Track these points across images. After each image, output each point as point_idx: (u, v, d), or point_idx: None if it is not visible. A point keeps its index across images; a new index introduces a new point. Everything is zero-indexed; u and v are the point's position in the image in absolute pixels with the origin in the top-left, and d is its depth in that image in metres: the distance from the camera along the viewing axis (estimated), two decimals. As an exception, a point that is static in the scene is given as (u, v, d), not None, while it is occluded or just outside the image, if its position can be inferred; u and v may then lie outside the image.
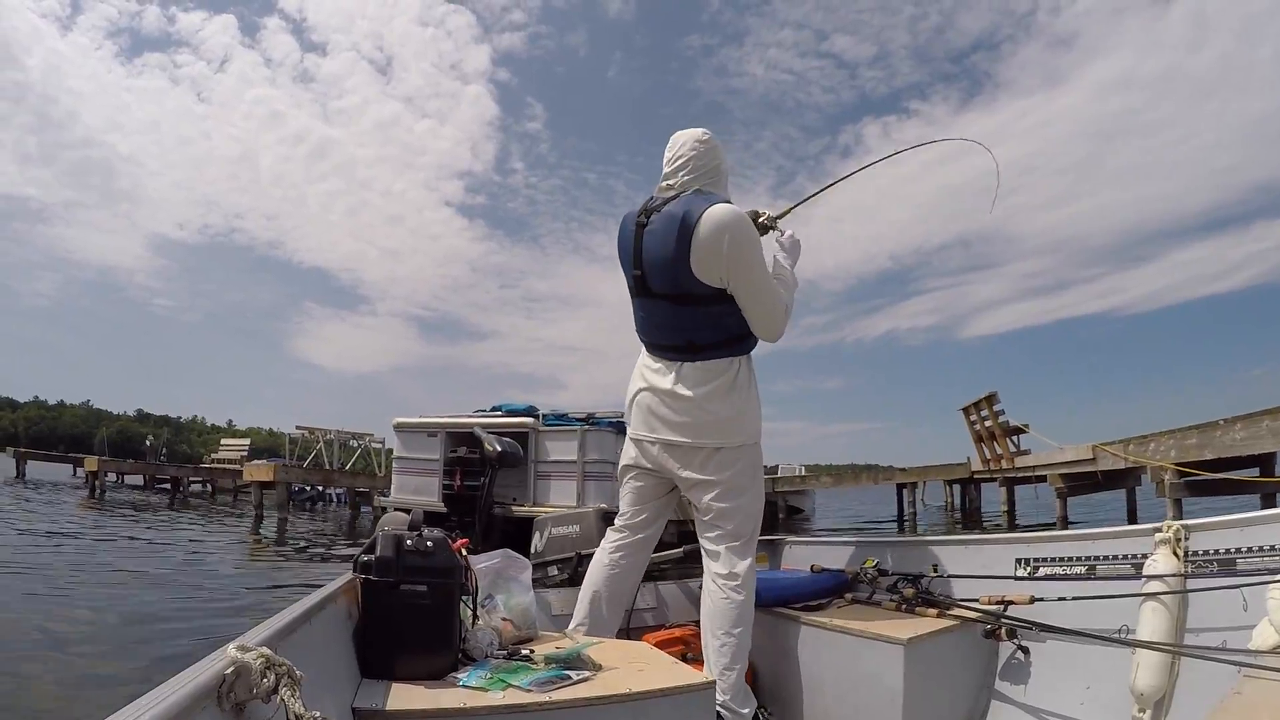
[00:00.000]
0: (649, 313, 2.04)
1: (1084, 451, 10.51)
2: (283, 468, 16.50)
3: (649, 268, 1.96)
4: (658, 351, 2.04)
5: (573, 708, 1.18)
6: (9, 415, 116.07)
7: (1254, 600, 1.55)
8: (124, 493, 23.64)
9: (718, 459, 1.95)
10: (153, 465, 25.42)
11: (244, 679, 0.72)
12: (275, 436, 24.70)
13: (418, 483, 8.01)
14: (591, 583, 2.09)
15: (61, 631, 4.70)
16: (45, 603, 5.66)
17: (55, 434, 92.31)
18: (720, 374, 1.94)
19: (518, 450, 3.78)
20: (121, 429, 77.97)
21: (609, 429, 7.46)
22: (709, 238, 1.84)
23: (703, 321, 1.95)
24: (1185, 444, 8.33)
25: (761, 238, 2.20)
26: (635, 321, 2.11)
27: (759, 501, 2.03)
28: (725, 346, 1.96)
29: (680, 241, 1.86)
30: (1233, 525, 1.71)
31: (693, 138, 2.01)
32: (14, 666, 3.87)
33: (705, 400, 1.93)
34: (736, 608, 1.89)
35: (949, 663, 1.98)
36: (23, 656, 4.08)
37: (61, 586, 6.40)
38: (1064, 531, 2.14)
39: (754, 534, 2.01)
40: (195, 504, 20.38)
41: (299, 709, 0.73)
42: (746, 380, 2.00)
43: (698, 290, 1.90)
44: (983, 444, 13.51)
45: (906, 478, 16.43)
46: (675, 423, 1.96)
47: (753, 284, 1.91)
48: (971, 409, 13.55)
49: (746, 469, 1.99)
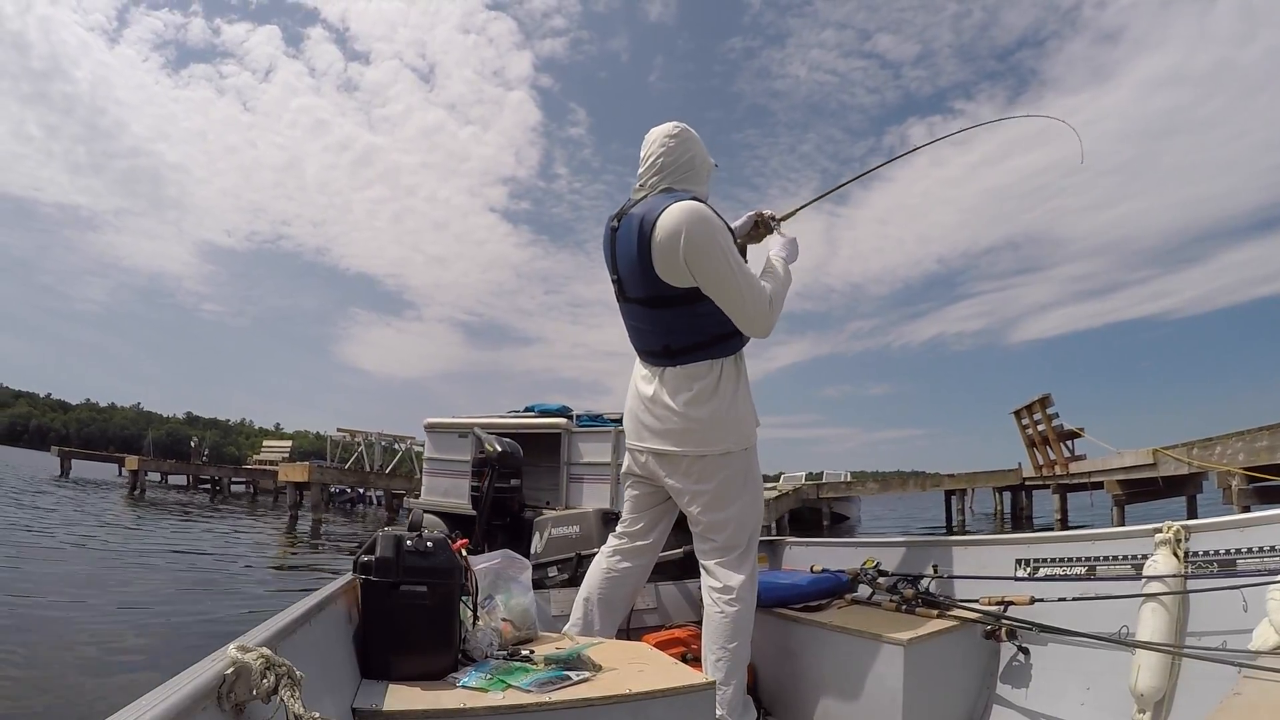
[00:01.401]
0: (630, 318, 2.02)
1: (1144, 456, 9.95)
2: (317, 468, 16.79)
3: (624, 273, 1.94)
4: (645, 358, 2.02)
5: (573, 708, 1.18)
6: (61, 416, 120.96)
7: (1254, 601, 1.55)
8: (169, 492, 24.37)
9: (701, 466, 1.90)
10: (195, 465, 26.16)
11: (244, 679, 0.72)
12: (320, 440, 25.13)
13: (448, 484, 7.77)
14: (586, 587, 2.08)
15: (68, 629, 4.73)
16: (60, 594, 5.79)
17: (106, 435, 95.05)
18: (701, 378, 1.89)
19: (518, 450, 3.78)
20: (170, 431, 79.73)
21: None
22: (665, 239, 1.79)
23: (676, 324, 1.90)
24: (1255, 446, 7.77)
25: (766, 237, 2.19)
26: (627, 332, 2.08)
27: (752, 511, 1.97)
28: (703, 349, 1.90)
29: (640, 245, 1.84)
30: (1233, 526, 1.71)
31: (662, 134, 1.95)
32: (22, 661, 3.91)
33: (687, 406, 1.88)
34: (732, 622, 1.86)
35: (949, 663, 1.98)
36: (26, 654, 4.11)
37: (78, 583, 6.53)
38: (1064, 532, 2.14)
39: (750, 546, 1.96)
40: (235, 504, 20.81)
41: (299, 709, 0.72)
42: (732, 383, 1.92)
43: (667, 292, 1.85)
44: (1035, 449, 12.87)
45: (956, 484, 15.85)
46: (659, 430, 1.93)
47: (718, 277, 1.82)
48: (1024, 412, 12.87)
49: (735, 477, 1.93)
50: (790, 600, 2.26)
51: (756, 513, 1.99)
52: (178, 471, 27.19)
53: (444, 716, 1.13)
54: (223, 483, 25.90)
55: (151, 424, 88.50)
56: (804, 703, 2.09)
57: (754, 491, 1.99)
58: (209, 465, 27.18)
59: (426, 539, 1.39)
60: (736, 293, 1.84)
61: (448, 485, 7.80)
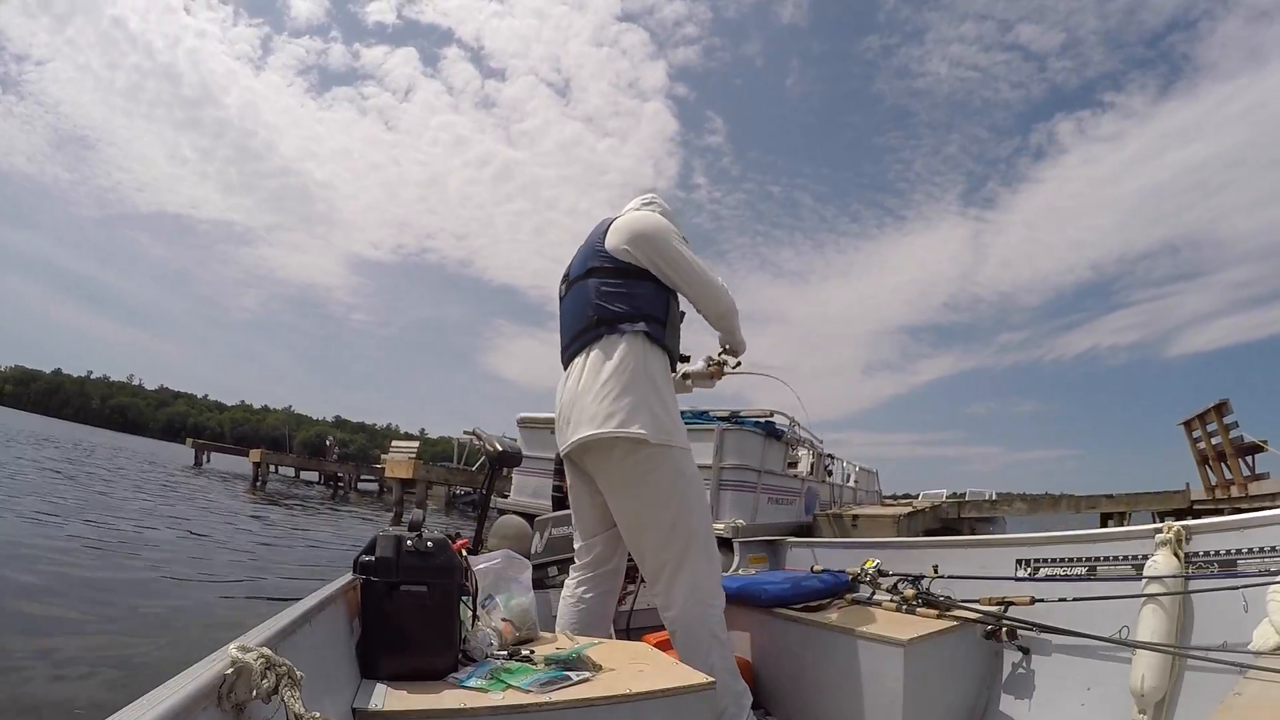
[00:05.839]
0: (567, 303, 2.02)
1: (1342, 475, 8.33)
2: (423, 465, 17.10)
3: (572, 268, 2.03)
4: (572, 346, 1.95)
5: (573, 708, 1.18)
6: (216, 416, 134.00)
7: (1254, 601, 1.55)
8: (295, 486, 26.05)
9: (621, 451, 1.77)
10: (327, 463, 27.34)
11: (244, 679, 0.71)
12: (448, 442, 25.81)
13: (536, 484, 7.11)
14: (560, 620, 2.02)
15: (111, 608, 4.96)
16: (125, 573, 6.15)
17: (258, 434, 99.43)
18: (627, 349, 1.83)
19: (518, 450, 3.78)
20: (319, 432, 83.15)
21: (755, 430, 6.35)
22: (623, 223, 1.94)
23: (610, 292, 1.89)
24: None
25: (711, 381, 2.26)
26: (560, 345, 2.06)
27: (686, 520, 1.79)
28: (628, 319, 1.86)
29: (596, 232, 1.98)
30: (1233, 527, 1.71)
31: (640, 201, 2.11)
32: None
33: (613, 375, 1.80)
34: (680, 656, 1.71)
35: (949, 663, 1.98)
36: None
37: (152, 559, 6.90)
38: (1064, 533, 2.13)
39: (681, 558, 1.77)
40: (357, 500, 21.86)
41: (299, 709, 0.72)
42: (657, 367, 1.86)
43: (608, 263, 1.91)
44: (1208, 466, 11.04)
45: (1113, 506, 13.97)
46: (583, 414, 1.82)
47: (672, 254, 1.91)
48: (1195, 422, 11.04)
49: (660, 474, 1.77)
50: (790, 600, 2.25)
51: (697, 527, 1.82)
52: (308, 468, 28.85)
53: (444, 716, 1.12)
54: (343, 479, 27.01)
55: (301, 425, 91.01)
56: (804, 703, 2.09)
57: (694, 503, 1.83)
58: (339, 463, 28.18)
59: (426, 539, 1.39)
60: (688, 271, 1.93)
61: (536, 485, 7.17)
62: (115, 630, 4.47)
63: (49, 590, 5.10)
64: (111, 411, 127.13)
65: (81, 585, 5.38)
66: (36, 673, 3.57)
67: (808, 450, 8.75)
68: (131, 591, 5.49)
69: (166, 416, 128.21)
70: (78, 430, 65.65)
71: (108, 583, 5.65)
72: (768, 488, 6.45)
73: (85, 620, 4.59)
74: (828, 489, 9.99)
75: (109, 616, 4.74)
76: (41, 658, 3.78)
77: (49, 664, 3.71)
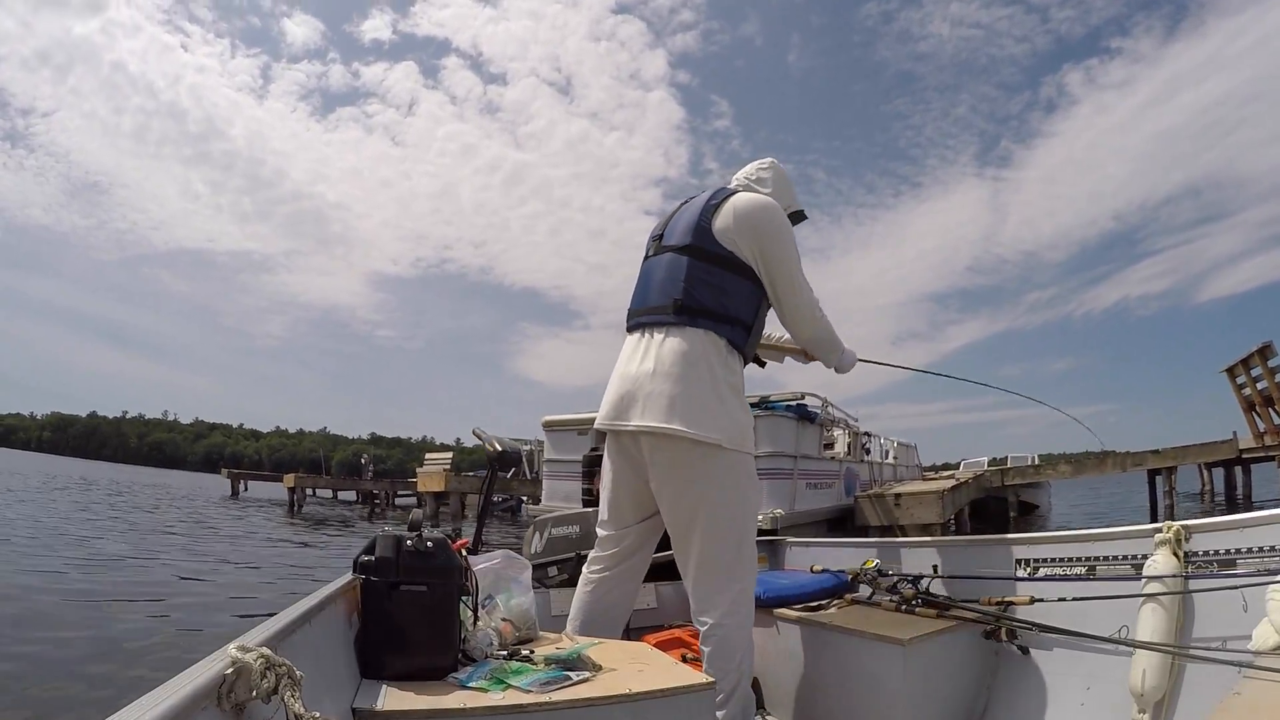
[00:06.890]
0: (653, 270, 1.88)
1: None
2: (454, 478, 17.08)
3: (671, 227, 1.90)
4: (644, 318, 1.85)
5: (573, 708, 1.18)
6: (253, 444, 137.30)
7: (1254, 601, 1.55)
8: (334, 507, 25.95)
9: (696, 453, 1.70)
10: (362, 481, 27.50)
11: (244, 679, 0.71)
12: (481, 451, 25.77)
13: (568, 488, 6.95)
14: (575, 610, 1.98)
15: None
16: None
17: (295, 459, 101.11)
18: (711, 347, 1.74)
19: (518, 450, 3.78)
20: (356, 451, 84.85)
21: (788, 415, 6.17)
22: (742, 207, 1.81)
23: (703, 280, 1.77)
24: None
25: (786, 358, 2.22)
26: (631, 301, 1.95)
27: (743, 527, 1.78)
28: (713, 319, 1.76)
29: (708, 205, 1.84)
30: (1233, 526, 1.70)
31: (755, 165, 2.02)
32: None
33: (693, 370, 1.71)
34: (708, 657, 1.72)
35: (949, 663, 1.98)
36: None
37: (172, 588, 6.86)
38: (1064, 532, 2.13)
39: (733, 567, 1.76)
40: (393, 516, 21.65)
41: (299, 709, 0.72)
42: (736, 369, 1.79)
43: (711, 246, 1.78)
44: (1255, 412, 10.66)
45: (1160, 461, 13.31)
46: (657, 403, 1.71)
47: (783, 260, 1.80)
48: (1239, 368, 10.76)
49: (730, 479, 1.73)
50: (790, 599, 2.25)
51: (747, 536, 1.82)
52: (344, 487, 29.00)
53: (444, 716, 1.12)
54: (388, 496, 26.45)
55: (338, 446, 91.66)
56: (804, 702, 2.09)
57: (748, 512, 1.82)
58: (374, 480, 28.02)
59: (426, 539, 1.39)
60: (791, 280, 1.83)
61: (568, 489, 7.07)
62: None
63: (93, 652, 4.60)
64: (150, 448, 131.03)
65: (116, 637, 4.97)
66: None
67: (843, 430, 8.51)
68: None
69: (204, 448, 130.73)
70: (118, 470, 65.51)
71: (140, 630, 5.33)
72: (805, 473, 6.22)
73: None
74: (866, 468, 9.68)
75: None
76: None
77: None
